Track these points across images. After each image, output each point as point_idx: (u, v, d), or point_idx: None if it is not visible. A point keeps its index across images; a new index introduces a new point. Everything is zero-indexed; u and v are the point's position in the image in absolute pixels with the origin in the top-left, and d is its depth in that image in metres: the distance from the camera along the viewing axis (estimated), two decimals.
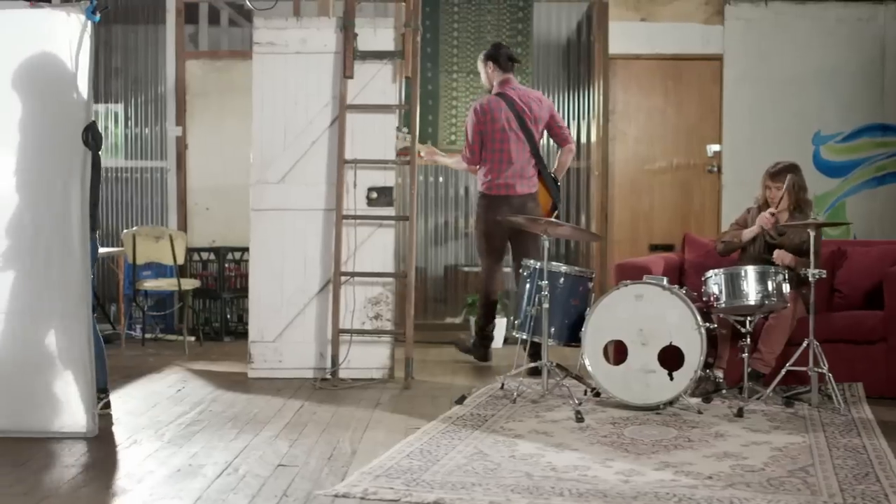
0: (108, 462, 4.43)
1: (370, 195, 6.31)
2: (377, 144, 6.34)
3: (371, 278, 6.30)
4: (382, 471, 4.23)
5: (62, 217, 4.83)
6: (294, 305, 6.34)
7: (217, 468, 4.27)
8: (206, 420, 5.21)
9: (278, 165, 6.36)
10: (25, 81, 4.86)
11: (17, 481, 4.09)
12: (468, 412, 5.35)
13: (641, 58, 8.40)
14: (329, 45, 6.37)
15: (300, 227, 6.35)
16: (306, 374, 6.31)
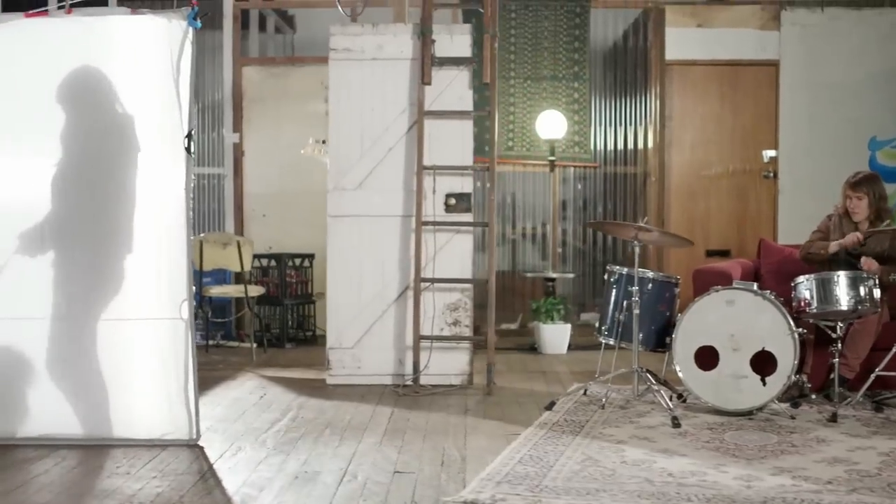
0: (221, 469, 4.41)
1: (448, 201, 6.31)
2: (454, 150, 6.35)
3: (449, 284, 6.30)
4: (501, 477, 4.23)
5: (166, 223, 4.82)
6: (372, 312, 6.33)
7: (334, 475, 4.27)
8: (301, 427, 5.20)
9: (355, 172, 6.36)
10: (128, 88, 4.85)
11: (137, 489, 4.08)
12: (561, 418, 5.34)
13: (698, 63, 8.42)
14: (405, 51, 6.38)
15: (377, 233, 6.35)
16: (384, 381, 6.31)
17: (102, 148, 4.89)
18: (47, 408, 4.87)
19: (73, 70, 4.87)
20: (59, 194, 4.88)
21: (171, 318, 4.83)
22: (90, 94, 4.86)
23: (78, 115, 4.88)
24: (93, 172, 4.87)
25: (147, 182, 4.84)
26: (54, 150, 4.87)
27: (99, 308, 4.87)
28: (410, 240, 6.32)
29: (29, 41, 4.88)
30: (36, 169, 4.86)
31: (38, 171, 4.86)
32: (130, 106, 4.85)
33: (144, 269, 4.84)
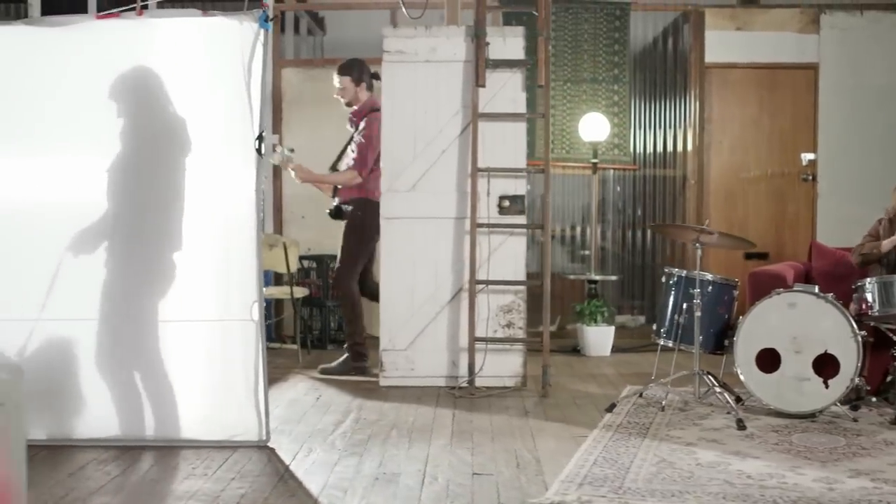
0: (298, 471, 4.41)
1: (502, 203, 6.32)
2: (507, 153, 6.35)
3: (503, 286, 6.30)
4: (580, 479, 4.23)
5: (237, 224, 4.82)
6: (425, 314, 6.34)
7: (414, 477, 4.27)
8: (366, 428, 5.20)
9: (409, 174, 6.36)
10: (199, 89, 4.86)
11: (220, 491, 4.08)
12: (624, 420, 5.35)
13: (737, 66, 8.43)
14: (458, 53, 6.38)
15: (430, 235, 6.35)
16: (438, 383, 6.31)
17: (166, 149, 4.88)
18: (103, 409, 4.87)
19: (142, 70, 4.87)
20: (119, 195, 4.88)
21: (241, 319, 4.83)
22: (158, 95, 4.86)
23: (145, 116, 4.88)
24: (158, 173, 4.87)
25: (217, 183, 4.84)
26: (115, 151, 4.87)
27: (157, 308, 4.87)
28: (463, 242, 6.33)
29: (99, 42, 4.88)
30: (96, 170, 4.87)
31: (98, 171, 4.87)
32: (201, 107, 4.85)
33: (214, 271, 4.84)
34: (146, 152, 4.90)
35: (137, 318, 4.86)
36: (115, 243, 4.86)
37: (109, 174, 4.87)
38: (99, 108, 4.83)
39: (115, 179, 4.88)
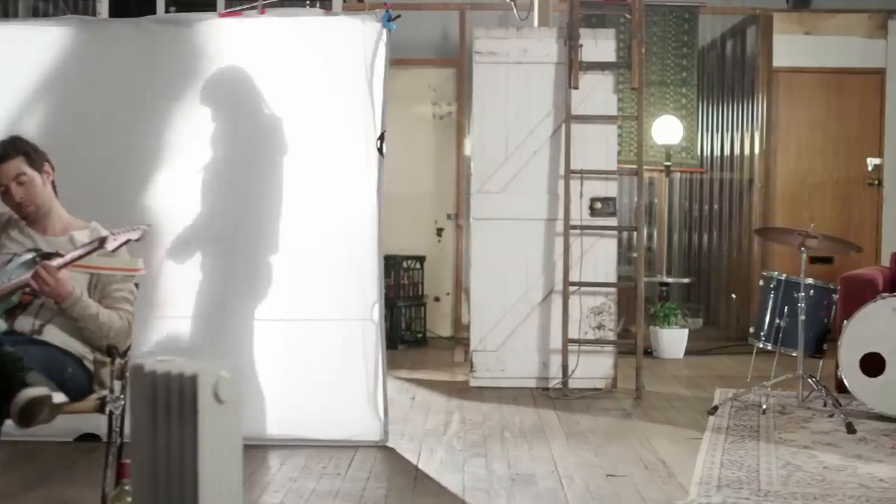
0: (430, 471, 4.41)
1: (594, 205, 6.33)
2: (598, 155, 6.37)
3: (593, 288, 6.31)
4: (716, 482, 4.24)
5: (359, 224, 4.83)
6: (516, 315, 6.35)
7: (550, 479, 4.27)
8: (476, 429, 5.21)
9: (500, 175, 6.38)
10: (321, 89, 4.86)
11: (361, 490, 4.09)
12: (730, 423, 5.36)
13: (805, 71, 8.45)
14: (550, 55, 6.39)
15: (521, 236, 6.37)
16: (528, 384, 6.32)
17: (274, 149, 4.88)
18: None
19: (260, 69, 4.87)
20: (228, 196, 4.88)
21: (361, 319, 4.84)
22: (263, 95, 4.86)
23: (263, 115, 4.88)
24: (276, 172, 4.86)
25: (338, 183, 4.85)
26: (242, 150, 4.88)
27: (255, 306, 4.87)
28: (554, 243, 6.34)
29: (220, 41, 4.88)
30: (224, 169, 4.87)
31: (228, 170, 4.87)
32: (322, 106, 4.85)
33: (336, 271, 4.84)
34: (247, 153, 4.89)
35: (240, 317, 4.85)
36: (214, 244, 4.85)
37: (207, 173, 4.87)
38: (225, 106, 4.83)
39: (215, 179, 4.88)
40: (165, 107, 4.82)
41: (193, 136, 4.82)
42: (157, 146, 4.80)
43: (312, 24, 4.90)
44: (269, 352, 4.85)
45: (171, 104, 4.82)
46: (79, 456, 4.57)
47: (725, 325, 8.62)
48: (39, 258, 3.59)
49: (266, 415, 4.82)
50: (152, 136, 4.80)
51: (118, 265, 3.66)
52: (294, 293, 4.85)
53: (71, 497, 3.94)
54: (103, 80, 4.84)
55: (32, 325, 3.51)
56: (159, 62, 4.86)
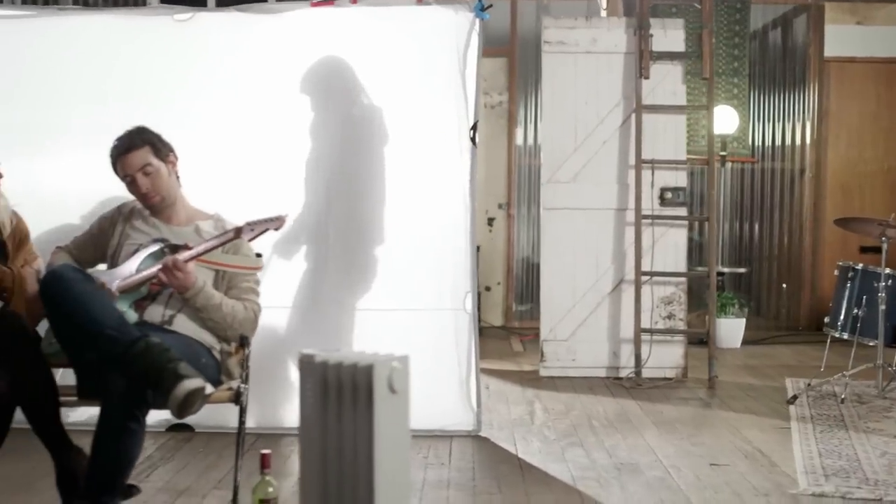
0: (532, 460, 4.42)
1: (664, 195, 6.34)
2: (668, 144, 6.37)
3: (664, 278, 6.32)
4: (822, 470, 4.26)
5: (451, 214, 4.83)
6: (586, 304, 6.36)
7: (656, 468, 4.28)
8: (562, 418, 5.22)
9: (570, 165, 6.38)
10: (412, 79, 4.85)
11: (468, 479, 4.10)
12: (814, 412, 5.37)
13: (856, 61, 8.45)
14: (619, 45, 6.39)
15: (591, 226, 6.37)
16: (598, 373, 6.33)
17: (374, 139, 4.89)
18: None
19: (343, 61, 4.86)
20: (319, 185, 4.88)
21: (454, 309, 4.85)
22: (360, 85, 4.86)
23: (362, 105, 4.87)
24: (377, 162, 4.87)
25: (431, 173, 4.85)
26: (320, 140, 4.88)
27: (357, 298, 4.88)
28: (624, 233, 6.35)
29: (312, 31, 4.87)
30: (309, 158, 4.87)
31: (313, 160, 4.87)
32: (413, 97, 4.85)
33: (428, 260, 4.84)
34: (347, 143, 4.89)
35: (342, 306, 4.86)
36: (317, 235, 4.85)
37: (309, 164, 4.87)
38: (317, 97, 4.82)
39: (314, 169, 4.88)
40: (258, 97, 4.80)
41: (291, 127, 4.81)
42: (253, 137, 4.78)
43: (405, 14, 4.88)
44: (365, 342, 4.84)
45: (265, 94, 4.81)
46: (175, 446, 4.58)
47: (775, 314, 8.64)
48: (168, 249, 3.59)
49: None
50: (247, 127, 4.79)
51: (239, 262, 3.66)
52: (388, 283, 4.85)
53: (186, 486, 3.95)
54: (197, 71, 4.83)
55: (162, 316, 3.51)
56: (251, 52, 4.84)
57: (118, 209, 3.79)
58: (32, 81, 4.83)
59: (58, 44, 4.85)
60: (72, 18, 4.98)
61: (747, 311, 8.56)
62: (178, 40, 4.86)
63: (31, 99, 4.82)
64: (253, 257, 3.73)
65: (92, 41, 4.85)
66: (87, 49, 4.84)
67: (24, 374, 3.22)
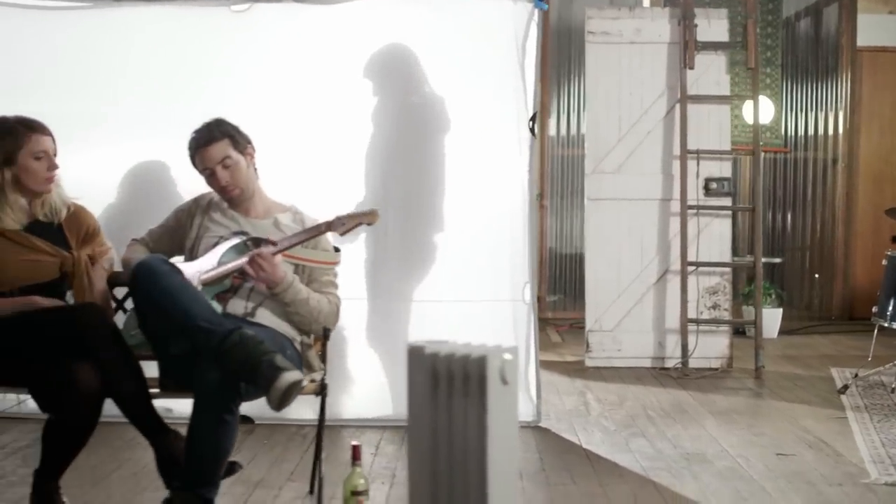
0: (600, 450, 4.42)
1: (709, 185, 6.34)
2: (712, 135, 6.37)
3: (709, 268, 6.33)
4: (889, 460, 4.26)
5: (508, 204, 4.82)
6: (631, 295, 6.36)
7: (723, 458, 4.28)
8: (616, 408, 5.23)
9: (614, 156, 6.38)
10: (471, 69, 4.84)
11: (537, 468, 4.11)
12: (868, 402, 5.37)
13: (888, 50, 8.44)
14: (663, 35, 6.38)
15: (636, 216, 6.37)
16: (644, 364, 6.34)
17: (434, 128, 4.88)
18: (373, 389, 4.88)
19: (403, 48, 4.85)
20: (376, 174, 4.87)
21: (511, 300, 4.84)
22: (419, 74, 4.85)
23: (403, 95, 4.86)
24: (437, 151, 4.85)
25: (489, 163, 4.84)
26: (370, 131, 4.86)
27: (415, 288, 4.88)
28: (669, 223, 6.35)
29: (366, 20, 4.85)
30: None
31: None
32: (471, 87, 4.84)
33: (486, 251, 4.83)
34: (407, 131, 4.88)
35: (402, 298, 4.86)
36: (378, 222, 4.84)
37: (368, 152, 4.86)
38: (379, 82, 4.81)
39: (371, 158, 4.87)
40: (314, 88, 4.78)
41: (346, 118, 4.79)
42: (311, 128, 4.77)
43: (464, 4, 4.86)
44: (423, 334, 4.84)
45: (322, 85, 4.78)
46: (239, 438, 4.56)
47: (808, 304, 8.64)
48: (250, 242, 3.58)
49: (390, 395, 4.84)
50: (302, 118, 4.78)
51: (318, 258, 3.65)
52: (447, 274, 4.84)
53: (260, 478, 3.95)
54: (253, 61, 4.81)
55: (245, 308, 3.50)
56: (308, 43, 4.82)
57: (195, 201, 3.77)
58: (88, 73, 4.81)
59: (113, 35, 4.83)
60: (127, 9, 4.95)
61: (782, 301, 8.59)
62: (234, 30, 4.84)
63: (86, 90, 4.79)
64: (332, 252, 3.72)
65: (148, 32, 4.83)
66: (143, 40, 4.82)
67: (115, 367, 3.21)
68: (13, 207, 3.44)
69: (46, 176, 3.47)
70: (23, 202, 3.48)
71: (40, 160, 3.45)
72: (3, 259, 3.40)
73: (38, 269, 3.45)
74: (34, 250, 3.44)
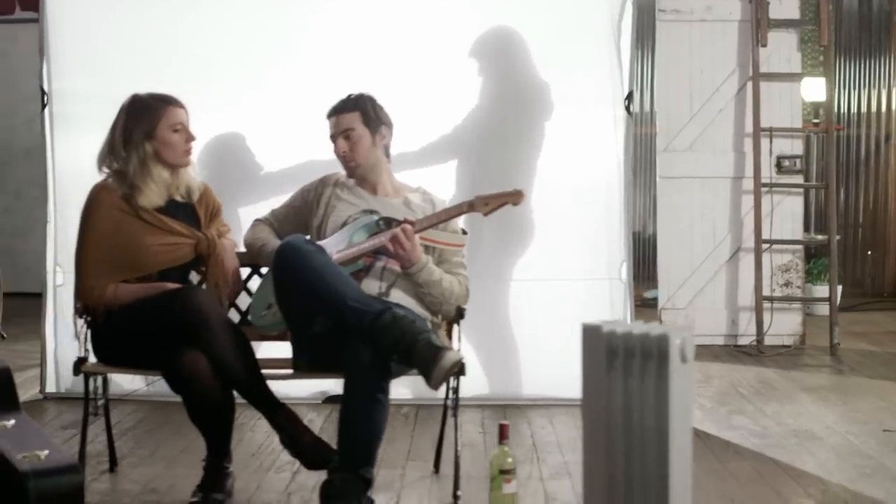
0: (703, 427, 4.42)
1: (781, 163, 6.34)
2: (783, 113, 6.37)
3: (781, 246, 6.34)
4: None
5: (604, 183, 4.82)
6: (703, 273, 6.38)
7: (832, 435, 4.30)
8: (707, 386, 5.25)
9: (685, 133, 6.37)
10: (567, 48, 4.83)
11: None
12: None
13: None
14: (734, 12, 6.37)
15: (707, 194, 6.38)
16: (717, 341, 6.35)
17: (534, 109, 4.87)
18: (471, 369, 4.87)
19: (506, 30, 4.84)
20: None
21: (608, 278, 4.85)
22: (518, 54, 4.84)
23: (503, 75, 4.85)
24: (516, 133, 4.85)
25: (584, 142, 4.83)
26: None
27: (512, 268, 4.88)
28: (741, 201, 6.36)
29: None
30: None
31: None
32: (567, 65, 4.82)
33: (582, 230, 4.82)
34: (505, 112, 4.88)
35: (498, 277, 4.86)
36: None
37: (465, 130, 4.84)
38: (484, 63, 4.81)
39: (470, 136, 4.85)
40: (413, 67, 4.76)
41: (442, 98, 4.78)
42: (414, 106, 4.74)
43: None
44: (521, 312, 4.86)
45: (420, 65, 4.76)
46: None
47: (860, 282, 8.64)
48: (382, 222, 3.57)
49: (521, 375, 4.85)
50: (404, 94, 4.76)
51: (449, 240, 3.64)
52: (543, 253, 4.84)
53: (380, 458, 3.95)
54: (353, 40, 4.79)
55: (379, 288, 3.50)
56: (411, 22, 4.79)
57: (322, 181, 3.75)
58: (192, 48, 4.77)
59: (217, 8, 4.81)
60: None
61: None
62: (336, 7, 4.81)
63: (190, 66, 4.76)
64: (460, 233, 3.71)
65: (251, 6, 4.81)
66: (245, 16, 4.80)
67: (225, 354, 3.21)
68: (157, 182, 3.45)
69: (185, 148, 3.48)
70: (165, 176, 3.48)
71: (178, 132, 3.46)
72: (144, 245, 3.40)
73: (176, 252, 3.46)
74: (172, 233, 3.45)
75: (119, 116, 3.48)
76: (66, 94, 4.84)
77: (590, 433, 2.75)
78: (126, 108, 3.48)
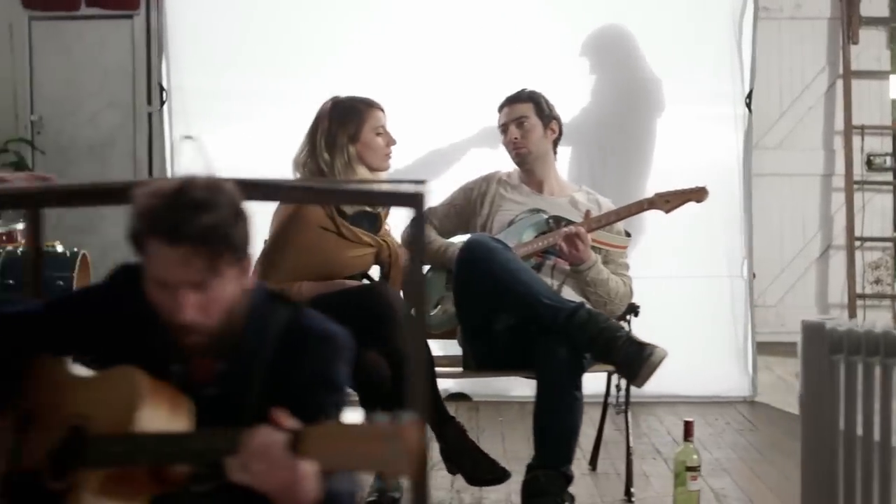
0: None
1: (872, 160, 6.37)
2: (873, 110, 6.39)
3: (871, 243, 6.36)
4: None
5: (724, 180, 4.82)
6: (793, 270, 6.40)
7: None
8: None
9: (775, 131, 6.39)
10: (687, 46, 4.86)
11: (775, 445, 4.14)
12: None
13: None
14: (823, 10, 6.38)
15: (797, 192, 6.40)
16: None
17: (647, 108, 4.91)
18: None
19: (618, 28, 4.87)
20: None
21: (729, 275, 4.88)
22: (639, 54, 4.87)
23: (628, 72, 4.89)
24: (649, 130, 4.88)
25: (703, 139, 4.87)
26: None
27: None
28: (831, 198, 6.38)
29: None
30: None
31: None
32: (690, 64, 4.86)
33: (703, 228, 4.82)
34: (619, 110, 4.90)
35: None
36: None
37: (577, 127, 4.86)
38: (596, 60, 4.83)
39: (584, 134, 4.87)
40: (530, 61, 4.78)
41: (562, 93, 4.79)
42: None
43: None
44: (641, 308, 4.85)
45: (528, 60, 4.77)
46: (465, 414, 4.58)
47: None
48: (552, 220, 3.57)
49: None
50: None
51: (614, 241, 3.64)
52: (664, 251, 4.86)
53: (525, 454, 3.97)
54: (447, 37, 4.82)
55: (551, 286, 3.50)
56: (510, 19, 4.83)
57: (485, 179, 3.74)
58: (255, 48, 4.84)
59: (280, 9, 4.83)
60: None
61: None
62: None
63: (253, 66, 4.82)
64: (623, 235, 3.71)
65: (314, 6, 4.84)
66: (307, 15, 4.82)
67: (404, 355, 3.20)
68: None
69: (386, 151, 3.45)
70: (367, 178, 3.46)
71: (381, 135, 3.44)
72: (340, 259, 3.38)
73: (363, 260, 3.45)
74: (360, 244, 3.41)
75: (320, 119, 3.44)
76: (185, 91, 4.87)
77: (809, 431, 2.76)
78: (328, 111, 3.44)
